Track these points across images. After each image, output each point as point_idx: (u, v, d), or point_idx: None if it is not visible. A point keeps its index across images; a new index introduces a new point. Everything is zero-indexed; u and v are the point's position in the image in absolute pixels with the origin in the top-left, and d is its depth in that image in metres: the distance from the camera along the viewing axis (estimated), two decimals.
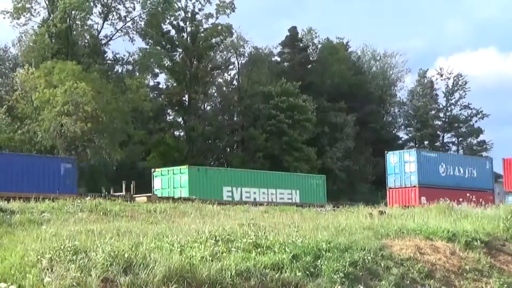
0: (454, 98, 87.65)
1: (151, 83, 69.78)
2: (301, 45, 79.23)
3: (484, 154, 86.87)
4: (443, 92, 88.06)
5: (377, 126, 80.00)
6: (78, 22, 59.79)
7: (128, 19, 62.64)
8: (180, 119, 70.72)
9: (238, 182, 43.38)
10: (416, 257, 15.01)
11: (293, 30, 78.59)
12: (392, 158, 47.53)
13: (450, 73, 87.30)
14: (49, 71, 51.67)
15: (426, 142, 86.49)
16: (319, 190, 48.62)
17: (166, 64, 68.09)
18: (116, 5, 61.92)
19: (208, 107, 73.76)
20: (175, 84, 69.65)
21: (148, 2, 62.23)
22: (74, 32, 59.95)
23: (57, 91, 49.54)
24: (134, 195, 34.74)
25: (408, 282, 13.96)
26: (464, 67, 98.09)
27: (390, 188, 46.27)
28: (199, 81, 68.26)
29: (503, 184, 53.07)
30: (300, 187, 47.41)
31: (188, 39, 68.57)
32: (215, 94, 74.61)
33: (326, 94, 74.59)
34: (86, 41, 62.43)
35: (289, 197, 45.75)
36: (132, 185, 37.72)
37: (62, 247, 11.28)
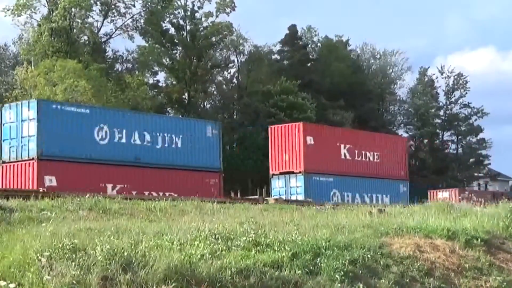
0: (454, 96, 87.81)
1: (151, 81, 69.90)
2: (300, 43, 79.26)
3: (483, 152, 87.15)
4: (443, 91, 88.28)
5: (376, 124, 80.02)
6: (78, 20, 59.85)
7: (128, 16, 62.77)
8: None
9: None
10: (416, 255, 15.01)
11: (292, 28, 78.61)
12: (8, 114, 31.22)
13: (450, 72, 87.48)
14: (49, 69, 51.71)
15: (425, 141, 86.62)
16: None
17: (166, 62, 68.14)
18: (116, 3, 62.00)
19: (208, 105, 73.88)
20: (174, 82, 69.73)
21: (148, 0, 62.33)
22: (74, 30, 59.99)
23: (57, 89, 49.59)
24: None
25: (407, 280, 13.97)
26: (463, 65, 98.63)
27: (4, 162, 30.86)
28: (198, 79, 68.32)
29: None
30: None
31: (188, 37, 68.59)
32: (215, 92, 74.69)
33: (325, 92, 74.61)
34: (86, 38, 62.48)
35: None
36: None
37: (61, 245, 11.27)
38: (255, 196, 36.49)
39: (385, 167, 47.14)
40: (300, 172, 41.53)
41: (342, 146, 44.50)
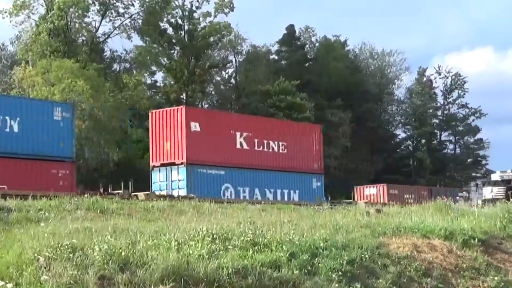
0: (452, 96, 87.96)
1: (149, 81, 69.90)
2: (298, 43, 79.26)
3: (481, 152, 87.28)
4: (441, 91, 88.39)
5: (374, 124, 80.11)
6: (75, 20, 59.83)
7: (126, 15, 62.74)
8: None
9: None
10: (413, 255, 15.03)
11: (290, 28, 78.65)
12: None
13: (448, 72, 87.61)
14: (47, 69, 51.68)
15: (423, 141, 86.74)
16: None
17: (164, 62, 68.12)
18: (115, 3, 61.97)
19: (206, 105, 73.77)
20: (172, 82, 69.67)
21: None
22: (72, 30, 59.96)
23: (55, 89, 49.54)
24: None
25: (405, 280, 13.98)
26: (461, 65, 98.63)
27: None
28: (196, 79, 68.29)
29: None
30: None
31: (186, 37, 68.57)
32: (213, 92, 74.65)
33: (323, 92, 74.65)
34: (84, 38, 62.46)
35: None
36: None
37: (59, 245, 11.27)
38: (119, 191, 31.89)
39: (294, 159, 41.50)
40: (182, 164, 36.01)
41: (238, 134, 38.89)
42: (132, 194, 30.03)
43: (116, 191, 32.46)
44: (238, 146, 38.81)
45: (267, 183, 39.53)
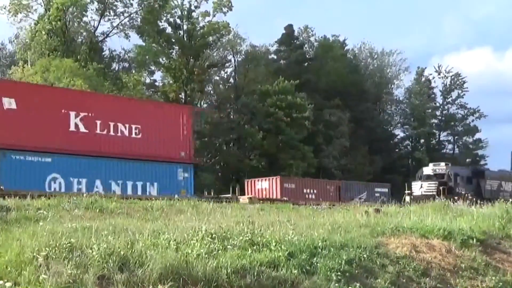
0: (451, 96, 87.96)
1: (148, 81, 69.87)
2: (297, 43, 79.24)
3: (480, 152, 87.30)
4: (440, 91, 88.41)
5: (372, 124, 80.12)
6: (74, 19, 59.82)
7: (125, 14, 62.73)
8: None
9: None
10: (412, 255, 15.04)
11: (289, 28, 78.60)
12: None
13: (448, 72, 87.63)
14: (46, 68, 51.66)
15: (422, 141, 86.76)
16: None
17: (163, 62, 68.10)
18: (113, 1, 61.96)
19: (205, 105, 73.73)
20: (171, 82, 69.63)
21: None
22: (71, 29, 59.95)
23: None
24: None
25: (403, 280, 13.99)
26: (459, 65, 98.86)
27: None
28: (195, 78, 68.25)
29: None
30: None
31: (185, 36, 68.54)
32: (212, 91, 74.61)
33: (321, 92, 74.64)
34: (82, 38, 62.45)
35: None
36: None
37: (58, 244, 11.27)
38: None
39: (152, 145, 34.94)
40: None
41: (73, 114, 32.70)
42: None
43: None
44: (72, 128, 32.57)
45: (112, 174, 33.30)
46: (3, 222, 15.01)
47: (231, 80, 74.81)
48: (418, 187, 48.95)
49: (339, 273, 12.94)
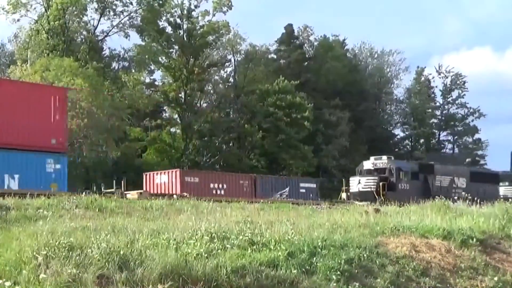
0: (451, 96, 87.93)
1: (147, 80, 69.83)
2: (297, 42, 79.21)
3: (479, 152, 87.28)
4: (440, 91, 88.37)
5: (372, 124, 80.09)
6: (74, 18, 59.79)
7: (125, 13, 62.72)
8: (176, 116, 70.68)
9: None
10: (412, 255, 15.04)
11: (289, 27, 78.57)
12: None
13: (448, 72, 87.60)
14: (45, 68, 51.64)
15: (422, 140, 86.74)
16: None
17: (163, 61, 68.06)
18: (113, 1, 61.95)
19: (205, 104, 73.67)
20: (171, 81, 69.60)
21: None
22: (71, 28, 59.94)
23: None
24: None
25: (403, 279, 13.99)
26: (459, 65, 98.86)
27: None
28: (195, 78, 68.21)
29: None
30: None
31: (185, 36, 68.49)
32: (212, 91, 74.58)
33: (321, 91, 74.62)
34: (82, 37, 62.44)
35: None
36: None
37: (57, 243, 11.27)
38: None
39: (12, 131, 29.04)
40: None
41: None
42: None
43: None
44: None
45: None
46: (2, 221, 15.01)
47: (231, 79, 74.75)
48: (356, 183, 44.58)
49: (338, 273, 12.94)
